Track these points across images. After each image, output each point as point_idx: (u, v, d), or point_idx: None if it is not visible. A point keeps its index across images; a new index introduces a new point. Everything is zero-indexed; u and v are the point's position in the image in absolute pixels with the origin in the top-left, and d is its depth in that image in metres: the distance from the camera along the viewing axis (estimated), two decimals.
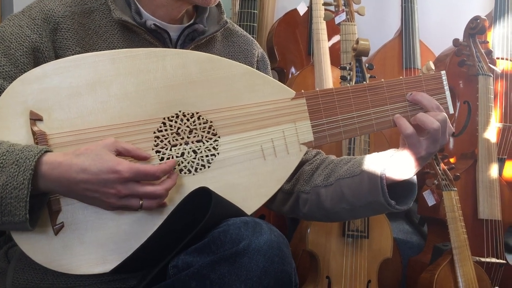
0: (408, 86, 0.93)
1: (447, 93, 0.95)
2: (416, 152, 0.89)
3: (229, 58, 0.92)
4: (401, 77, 0.95)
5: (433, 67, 1.02)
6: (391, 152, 0.94)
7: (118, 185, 0.75)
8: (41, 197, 0.78)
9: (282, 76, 2.31)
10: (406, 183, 0.94)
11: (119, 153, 0.78)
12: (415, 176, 0.93)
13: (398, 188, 0.93)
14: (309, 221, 1.64)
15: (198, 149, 0.86)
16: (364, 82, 1.43)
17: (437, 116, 0.88)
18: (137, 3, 0.95)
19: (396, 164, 0.91)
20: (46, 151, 0.76)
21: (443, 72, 0.96)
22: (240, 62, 0.91)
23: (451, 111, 0.95)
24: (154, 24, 0.94)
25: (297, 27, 2.28)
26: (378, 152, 0.97)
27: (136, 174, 0.75)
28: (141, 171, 0.76)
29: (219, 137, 0.87)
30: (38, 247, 0.79)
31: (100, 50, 0.89)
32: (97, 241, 0.81)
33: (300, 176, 1.03)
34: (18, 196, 0.72)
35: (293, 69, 2.28)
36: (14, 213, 0.73)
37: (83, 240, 0.80)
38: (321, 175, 1.00)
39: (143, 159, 0.81)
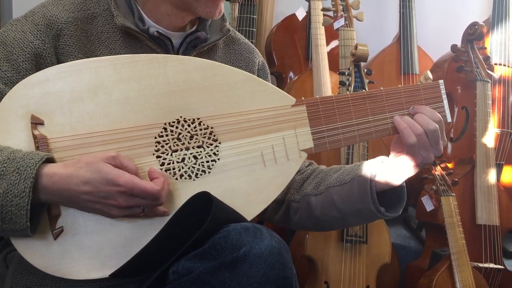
0: (406, 94, 0.94)
1: (445, 101, 0.96)
2: (414, 160, 0.91)
3: (230, 66, 0.92)
4: (399, 85, 0.96)
5: (431, 76, 1.03)
6: (381, 159, 0.95)
7: (118, 198, 0.75)
8: (41, 204, 0.77)
9: (280, 81, 2.31)
10: (395, 190, 0.95)
11: (118, 168, 0.77)
12: (404, 183, 0.95)
13: (389, 195, 0.95)
14: (300, 230, 1.64)
15: (199, 154, 0.86)
16: (364, 90, 1.44)
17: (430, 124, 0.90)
18: (140, 10, 0.95)
19: (386, 171, 0.93)
20: (48, 159, 0.76)
21: (441, 81, 0.97)
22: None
23: (449, 119, 0.96)
24: (157, 31, 0.94)
25: (296, 32, 2.29)
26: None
27: (136, 189, 0.75)
28: (140, 187, 0.75)
29: (219, 143, 0.87)
30: (36, 252, 0.79)
31: (102, 56, 0.89)
32: (96, 246, 0.81)
33: (291, 185, 1.04)
34: (19, 204, 0.72)
35: (291, 74, 2.28)
36: (14, 220, 0.73)
37: (82, 245, 0.80)
38: (311, 184, 1.01)
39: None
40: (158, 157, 0.84)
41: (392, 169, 0.92)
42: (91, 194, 0.74)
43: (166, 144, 0.84)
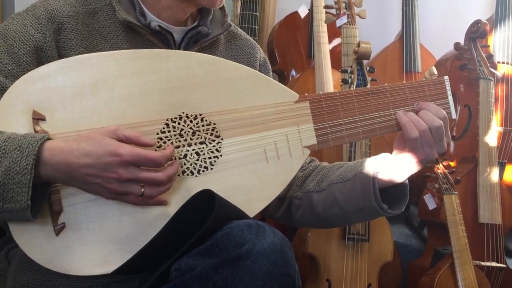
0: (411, 90, 0.93)
1: (450, 98, 0.95)
2: (416, 156, 0.90)
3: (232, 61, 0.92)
4: (404, 81, 0.95)
5: (436, 72, 1.02)
6: (383, 156, 0.95)
7: (119, 169, 0.74)
8: (42, 189, 0.77)
9: (282, 78, 2.31)
10: (398, 187, 0.94)
11: (121, 140, 0.77)
12: (407, 180, 0.94)
13: (392, 192, 0.94)
14: (302, 227, 1.64)
15: (201, 151, 0.86)
16: (368, 86, 1.43)
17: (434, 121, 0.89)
18: (141, 4, 0.95)
19: (389, 168, 0.92)
20: (48, 139, 0.76)
21: (446, 77, 0.96)
22: None
23: (454, 116, 0.95)
24: (159, 26, 0.94)
25: (298, 29, 2.29)
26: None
27: (137, 158, 0.75)
28: (142, 154, 0.75)
29: (222, 139, 0.86)
30: (38, 247, 0.78)
31: (104, 51, 0.89)
32: (99, 242, 0.80)
33: (293, 182, 1.03)
34: (21, 181, 0.72)
35: (293, 72, 2.28)
36: (16, 199, 0.72)
37: (84, 241, 0.80)
38: (313, 181, 1.01)
39: (146, 145, 0.79)
40: None
41: (395, 166, 0.92)
42: (91, 167, 0.74)
43: (168, 140, 0.84)
